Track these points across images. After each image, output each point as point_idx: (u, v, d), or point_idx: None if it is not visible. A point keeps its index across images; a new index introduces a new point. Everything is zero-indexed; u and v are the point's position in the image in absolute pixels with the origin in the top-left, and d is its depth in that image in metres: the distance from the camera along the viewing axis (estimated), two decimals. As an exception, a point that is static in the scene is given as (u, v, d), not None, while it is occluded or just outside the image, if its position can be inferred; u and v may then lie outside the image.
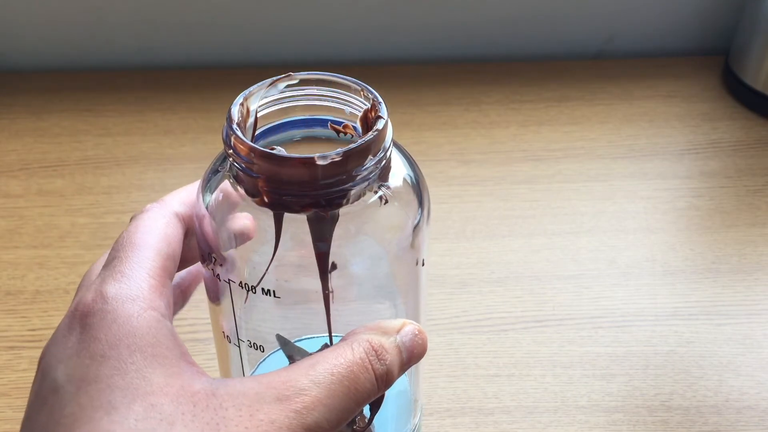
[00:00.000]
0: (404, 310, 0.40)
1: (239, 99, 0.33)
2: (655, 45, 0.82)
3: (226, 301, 0.36)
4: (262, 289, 0.34)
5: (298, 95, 0.35)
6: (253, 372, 0.41)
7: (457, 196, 0.65)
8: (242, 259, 0.35)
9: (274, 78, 0.34)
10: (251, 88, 0.34)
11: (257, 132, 0.35)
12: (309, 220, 0.33)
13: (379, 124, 0.32)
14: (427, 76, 0.78)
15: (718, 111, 0.74)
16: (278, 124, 0.35)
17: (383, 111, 0.33)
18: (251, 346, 0.37)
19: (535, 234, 0.61)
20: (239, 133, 0.32)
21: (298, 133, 0.36)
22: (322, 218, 0.32)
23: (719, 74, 0.79)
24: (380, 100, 0.33)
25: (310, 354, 0.41)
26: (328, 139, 0.36)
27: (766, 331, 0.54)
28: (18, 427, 0.48)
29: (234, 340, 0.38)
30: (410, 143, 0.68)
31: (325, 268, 0.34)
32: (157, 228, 0.32)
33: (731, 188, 0.66)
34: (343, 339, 0.32)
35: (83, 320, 0.28)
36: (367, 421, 0.40)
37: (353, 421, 0.40)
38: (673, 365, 0.52)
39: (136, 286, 0.29)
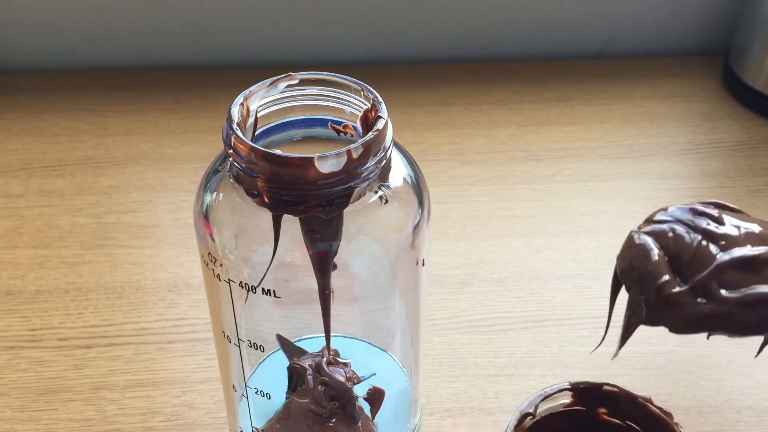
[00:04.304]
0: (404, 310, 0.41)
1: (239, 99, 0.33)
2: (655, 45, 0.82)
3: (226, 301, 0.36)
4: (262, 289, 0.34)
5: (298, 95, 0.35)
6: (254, 372, 0.41)
7: (457, 196, 0.65)
8: (242, 259, 0.35)
9: (274, 78, 0.34)
10: (251, 88, 0.34)
11: (257, 132, 0.35)
12: (309, 220, 0.33)
13: (379, 124, 0.32)
14: (427, 76, 0.78)
15: (718, 111, 0.74)
16: (278, 124, 0.35)
17: (383, 111, 0.33)
18: (251, 346, 0.38)
19: (535, 234, 0.61)
20: (239, 133, 0.32)
21: (298, 133, 0.36)
22: (322, 218, 0.32)
23: (719, 74, 0.79)
24: (380, 100, 0.33)
25: (310, 354, 0.41)
26: (328, 139, 0.36)
27: (766, 331, 0.54)
28: (18, 426, 0.48)
29: (234, 340, 0.38)
30: (410, 143, 0.68)
31: (325, 268, 0.34)
32: None
33: (731, 188, 0.66)
34: None
35: None
36: (370, 420, 0.40)
37: (356, 420, 0.40)
38: (673, 365, 0.52)
39: None
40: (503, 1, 0.78)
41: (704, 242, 0.27)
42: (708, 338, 0.29)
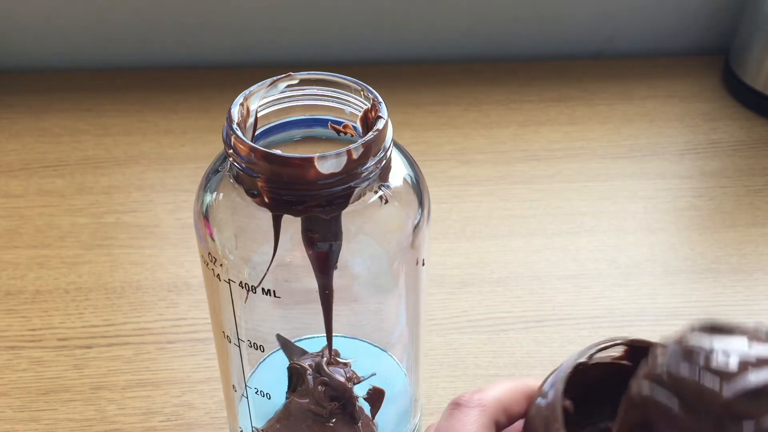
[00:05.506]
0: (404, 310, 0.41)
1: (239, 99, 0.33)
2: (655, 45, 0.82)
3: (226, 301, 0.36)
4: (262, 289, 0.34)
5: (298, 95, 0.35)
6: (254, 372, 0.41)
7: (457, 196, 0.65)
8: (242, 259, 0.35)
9: (275, 78, 0.34)
10: (251, 88, 0.34)
11: (257, 132, 0.35)
12: (309, 220, 0.33)
13: (379, 124, 0.32)
14: (427, 76, 0.78)
15: (718, 111, 0.74)
16: (278, 124, 0.35)
17: (383, 111, 0.33)
18: (251, 346, 0.38)
19: (535, 234, 0.61)
20: (239, 133, 0.32)
21: (298, 133, 0.36)
22: (322, 219, 0.32)
23: (719, 74, 0.79)
24: (380, 100, 0.33)
25: (310, 354, 0.41)
26: (328, 139, 0.36)
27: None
28: (18, 426, 0.48)
29: (234, 340, 0.38)
30: (410, 143, 0.68)
31: (324, 268, 0.34)
32: None
33: (731, 188, 0.66)
34: None
35: None
36: (370, 420, 0.40)
37: (356, 420, 0.40)
38: (673, 365, 0.51)
39: None
40: (503, 2, 0.78)
41: (703, 380, 0.26)
42: None
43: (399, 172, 0.35)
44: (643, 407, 0.27)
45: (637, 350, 0.32)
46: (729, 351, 0.26)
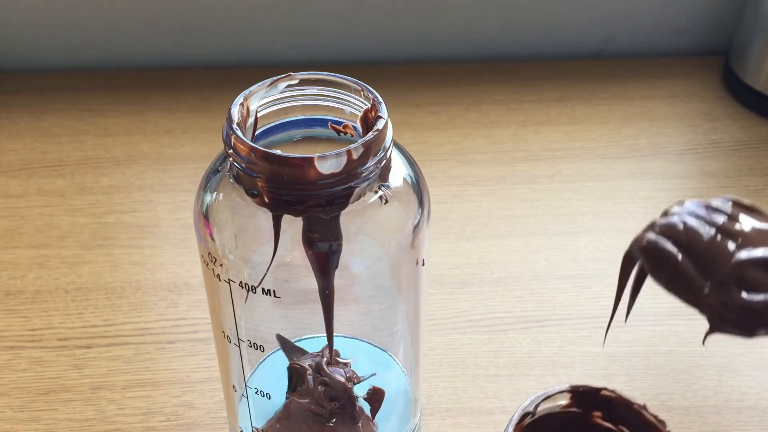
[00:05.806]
0: (404, 310, 0.41)
1: (239, 99, 0.33)
2: (655, 45, 0.82)
3: (226, 301, 0.36)
4: (262, 289, 0.34)
5: (298, 95, 0.35)
6: (254, 372, 0.41)
7: (457, 196, 0.65)
8: (242, 259, 0.35)
9: (275, 78, 0.34)
10: (251, 88, 0.34)
11: (257, 132, 0.35)
12: (309, 220, 0.33)
13: (379, 124, 0.32)
14: (427, 76, 0.78)
15: (718, 111, 0.74)
16: (278, 124, 0.35)
17: (383, 111, 0.33)
18: (251, 346, 0.38)
19: (535, 234, 0.61)
20: (239, 133, 0.32)
21: (298, 133, 0.36)
22: (322, 219, 0.32)
23: (719, 74, 0.79)
24: (380, 99, 0.33)
25: (310, 354, 0.41)
26: (328, 139, 0.36)
27: (766, 331, 0.54)
28: (18, 426, 0.48)
29: (234, 340, 0.38)
30: (410, 143, 0.68)
31: (324, 269, 0.34)
32: None
33: (731, 188, 0.66)
34: None
35: None
36: (370, 420, 0.40)
37: (356, 419, 0.40)
38: (674, 365, 0.52)
39: None
40: (503, 2, 0.78)
41: (719, 238, 0.25)
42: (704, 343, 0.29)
43: (399, 172, 0.35)
44: (646, 255, 0.26)
45: (582, 395, 0.32)
46: (750, 223, 0.26)
